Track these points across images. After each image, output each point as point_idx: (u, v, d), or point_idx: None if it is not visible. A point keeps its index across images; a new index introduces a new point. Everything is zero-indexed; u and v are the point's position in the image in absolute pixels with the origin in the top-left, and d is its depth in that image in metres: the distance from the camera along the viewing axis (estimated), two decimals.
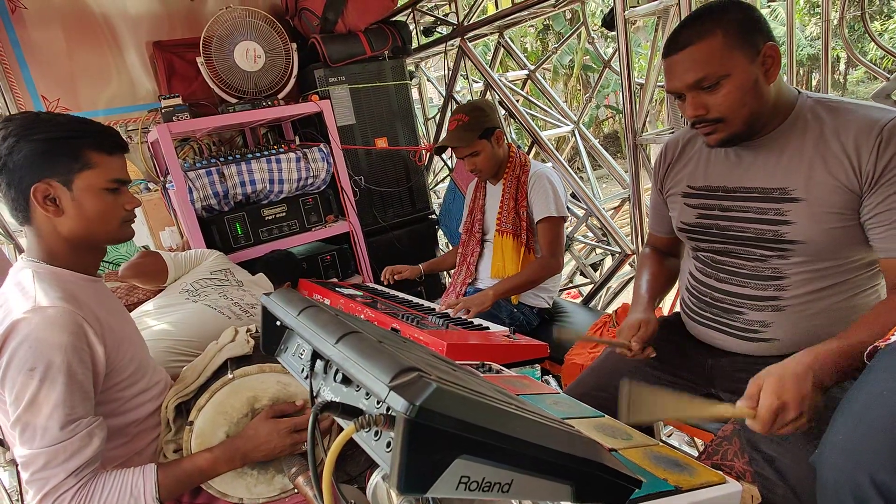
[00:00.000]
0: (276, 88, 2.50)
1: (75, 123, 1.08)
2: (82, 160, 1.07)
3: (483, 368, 1.19)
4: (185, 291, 1.77)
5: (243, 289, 1.88)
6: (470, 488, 0.48)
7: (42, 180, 1.04)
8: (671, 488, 0.72)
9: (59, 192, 1.06)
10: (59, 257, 1.11)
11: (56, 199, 1.06)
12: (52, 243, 1.10)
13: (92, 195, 1.09)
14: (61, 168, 1.05)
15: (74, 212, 1.08)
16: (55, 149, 1.04)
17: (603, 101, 12.64)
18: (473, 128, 2.01)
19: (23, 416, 0.95)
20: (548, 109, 3.26)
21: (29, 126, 1.03)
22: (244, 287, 1.90)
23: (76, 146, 1.06)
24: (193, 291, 1.77)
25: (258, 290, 1.92)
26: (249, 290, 1.89)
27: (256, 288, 1.93)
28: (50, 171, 1.05)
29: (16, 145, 1.02)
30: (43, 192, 1.05)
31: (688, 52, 1.07)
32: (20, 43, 2.38)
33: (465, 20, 2.78)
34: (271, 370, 1.17)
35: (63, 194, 1.07)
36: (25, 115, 1.06)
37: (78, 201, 1.08)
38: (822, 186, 1.06)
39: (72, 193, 1.07)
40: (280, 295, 0.79)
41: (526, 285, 2.01)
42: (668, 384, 1.32)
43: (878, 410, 0.77)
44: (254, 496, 1.18)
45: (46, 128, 1.04)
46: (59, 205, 1.07)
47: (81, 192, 1.07)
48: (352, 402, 0.59)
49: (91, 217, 1.09)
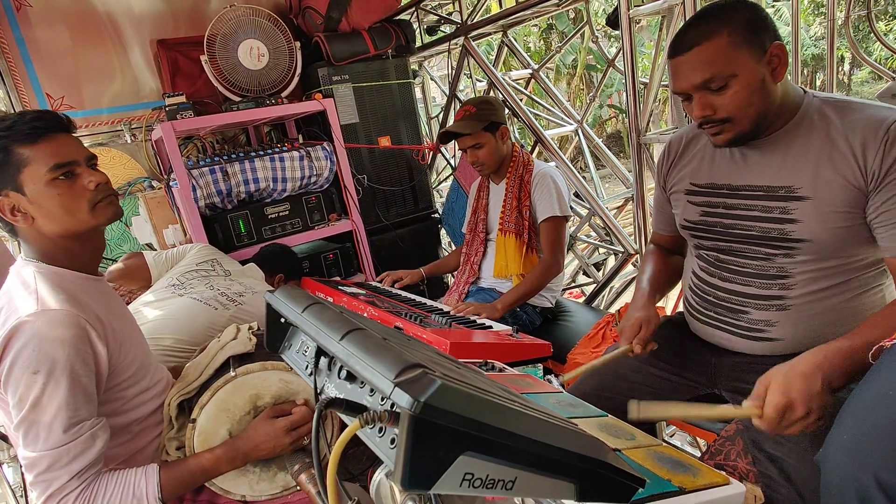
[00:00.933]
0: (279, 87, 2.50)
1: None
2: (15, 160, 1.01)
3: (486, 367, 1.19)
4: (172, 286, 1.77)
5: (230, 278, 1.87)
6: (474, 485, 0.48)
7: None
8: (675, 489, 0.72)
9: (17, 199, 1.02)
10: (55, 258, 1.09)
11: (19, 208, 1.03)
12: (43, 246, 1.08)
13: (44, 191, 1.02)
14: (3, 177, 1.01)
15: (40, 213, 1.03)
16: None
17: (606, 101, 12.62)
18: (480, 119, 2.01)
19: (26, 419, 0.95)
20: (551, 108, 3.25)
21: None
22: (231, 277, 1.89)
23: (3, 149, 1.00)
24: (180, 285, 1.77)
25: (247, 279, 1.91)
26: (237, 279, 1.88)
27: (245, 278, 1.92)
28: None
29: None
30: (8, 206, 1.02)
31: (694, 53, 1.06)
32: (25, 41, 2.39)
33: (468, 19, 2.78)
34: (273, 368, 1.17)
35: (21, 201, 1.02)
36: None
37: (37, 203, 1.02)
38: (828, 185, 1.05)
39: (27, 197, 1.02)
40: (284, 292, 0.80)
41: (532, 293, 2.01)
42: (671, 383, 1.32)
43: (883, 410, 0.76)
44: (256, 493, 1.18)
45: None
46: (26, 212, 1.03)
47: (33, 192, 1.02)
48: (356, 399, 0.59)
49: (55, 213, 1.03)
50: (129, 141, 2.67)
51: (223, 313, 1.67)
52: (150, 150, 2.71)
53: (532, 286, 1.99)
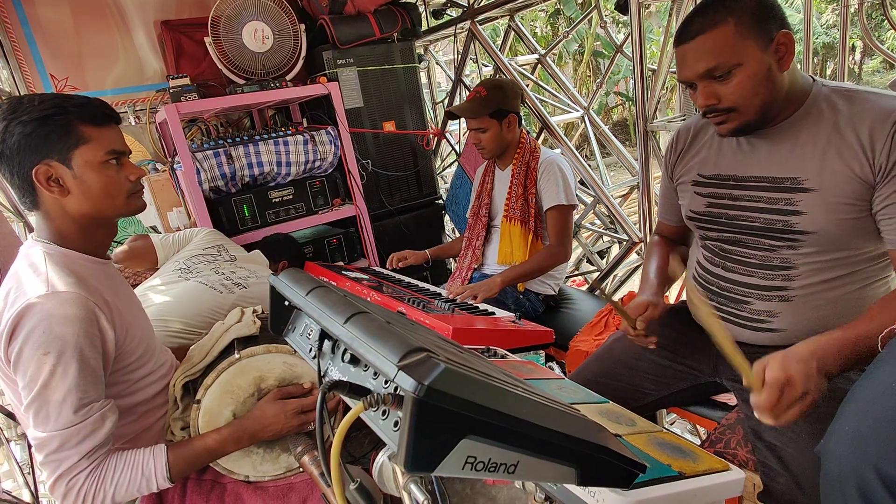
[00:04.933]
0: (284, 70, 2.49)
1: (60, 99, 1.06)
2: (76, 136, 1.05)
3: (488, 353, 1.20)
4: (178, 270, 1.78)
5: (236, 263, 1.89)
6: (476, 468, 0.48)
7: (41, 162, 1.03)
8: (675, 474, 0.73)
9: (61, 171, 1.05)
10: (69, 239, 1.11)
11: (59, 180, 1.05)
12: (62, 225, 1.10)
13: (93, 170, 1.07)
14: (57, 146, 1.04)
15: (79, 190, 1.07)
16: (46, 127, 1.02)
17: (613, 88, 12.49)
18: (487, 104, 1.99)
19: (36, 399, 0.96)
20: (557, 94, 3.22)
21: (14, 109, 1.02)
22: (237, 262, 1.90)
23: (66, 122, 1.04)
24: (186, 269, 1.78)
25: (252, 265, 1.93)
26: (243, 265, 1.89)
27: (250, 263, 1.94)
28: (46, 151, 1.03)
29: (6, 130, 1.01)
30: (45, 174, 1.04)
31: (699, 41, 1.05)
32: (29, 22, 2.37)
33: (475, 2, 2.74)
34: (277, 351, 1.18)
35: (65, 173, 1.05)
36: (9, 100, 1.04)
37: (80, 178, 1.06)
38: (835, 176, 1.04)
39: (73, 171, 1.06)
40: (289, 275, 0.80)
41: (534, 273, 2.01)
42: (673, 371, 1.32)
43: (886, 402, 0.76)
44: (259, 474, 1.19)
45: (32, 108, 1.02)
46: (64, 184, 1.06)
47: (82, 168, 1.06)
48: (360, 382, 0.60)
49: (96, 193, 1.08)
50: (133, 123, 2.66)
51: (227, 297, 1.68)
52: (155, 133, 2.71)
53: (535, 266, 1.99)
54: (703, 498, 0.73)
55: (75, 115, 1.05)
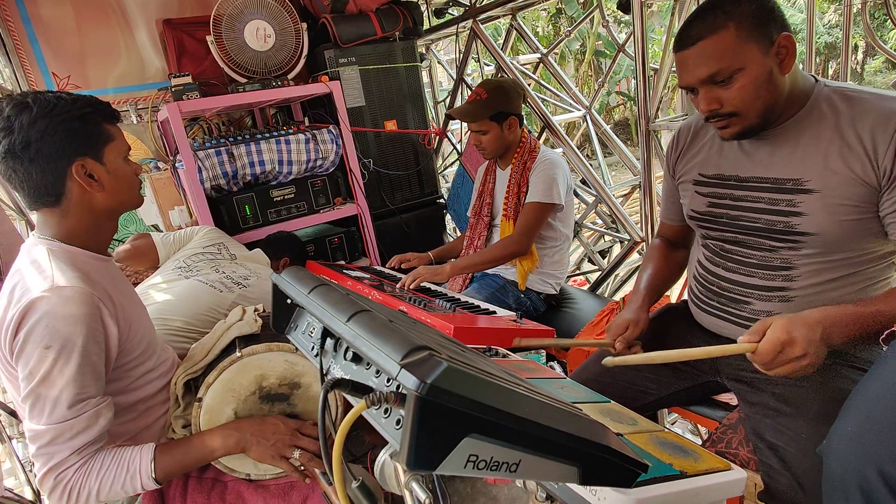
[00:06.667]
0: (285, 69, 2.49)
1: (87, 99, 1.10)
2: (105, 134, 1.11)
3: (489, 353, 1.20)
4: (179, 268, 1.78)
5: (236, 262, 1.88)
6: (478, 467, 0.48)
7: (80, 158, 1.07)
8: (677, 473, 0.73)
9: (94, 167, 1.10)
10: (78, 235, 1.12)
11: (93, 175, 1.10)
12: (77, 222, 1.11)
13: (122, 165, 1.15)
14: (93, 144, 1.09)
15: (111, 184, 1.12)
16: (84, 126, 1.07)
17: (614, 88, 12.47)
18: (487, 107, 1.99)
19: (34, 392, 0.97)
20: (559, 94, 3.22)
21: (51, 107, 1.04)
22: (237, 260, 1.90)
23: (96, 121, 1.10)
24: (186, 268, 1.78)
25: (253, 264, 1.93)
26: (243, 263, 1.89)
27: (251, 262, 1.94)
28: (84, 148, 1.08)
29: (47, 128, 1.03)
30: (83, 170, 1.08)
31: (700, 47, 1.05)
32: (31, 20, 2.37)
33: (477, 1, 2.74)
34: (279, 349, 1.18)
35: (98, 169, 1.10)
36: (42, 97, 1.05)
37: (113, 173, 1.12)
38: (837, 178, 1.04)
39: (105, 167, 1.11)
40: (291, 273, 0.80)
41: (486, 263, 2.01)
42: (674, 371, 1.32)
43: (888, 402, 0.76)
44: (260, 472, 1.19)
45: (68, 107, 1.05)
46: (98, 179, 1.10)
47: (113, 163, 1.12)
48: (362, 381, 0.60)
49: (123, 186, 1.15)
50: (134, 121, 2.66)
51: (227, 296, 1.68)
52: (156, 132, 2.71)
53: (488, 257, 2.00)
54: (705, 497, 0.73)
55: (101, 115, 1.11)
